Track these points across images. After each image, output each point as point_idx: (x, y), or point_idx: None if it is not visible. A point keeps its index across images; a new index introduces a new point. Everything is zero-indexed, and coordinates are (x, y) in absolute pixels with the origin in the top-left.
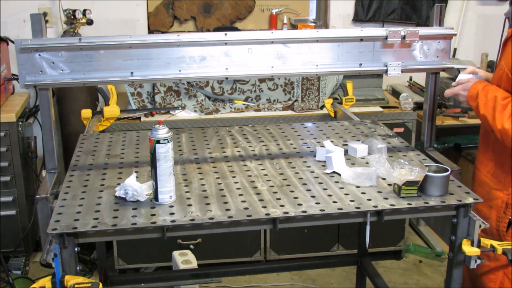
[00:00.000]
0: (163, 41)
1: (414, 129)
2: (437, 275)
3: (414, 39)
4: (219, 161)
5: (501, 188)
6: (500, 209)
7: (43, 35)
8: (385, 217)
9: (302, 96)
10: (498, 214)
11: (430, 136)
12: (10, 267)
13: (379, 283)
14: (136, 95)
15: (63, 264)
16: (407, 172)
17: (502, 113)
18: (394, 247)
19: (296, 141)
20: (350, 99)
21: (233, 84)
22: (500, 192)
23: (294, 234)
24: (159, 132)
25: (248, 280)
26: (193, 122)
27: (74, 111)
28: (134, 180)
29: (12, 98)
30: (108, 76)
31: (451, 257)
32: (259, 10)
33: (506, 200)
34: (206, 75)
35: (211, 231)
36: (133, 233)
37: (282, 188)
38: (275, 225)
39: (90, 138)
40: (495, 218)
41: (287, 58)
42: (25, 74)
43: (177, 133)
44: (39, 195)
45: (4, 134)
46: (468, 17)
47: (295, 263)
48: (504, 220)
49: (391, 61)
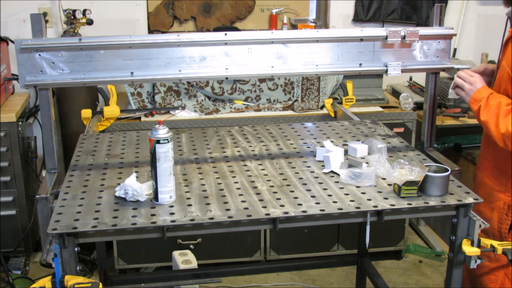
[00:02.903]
0: (163, 41)
1: (414, 129)
2: (437, 275)
3: (414, 39)
4: (219, 161)
5: (503, 190)
6: (502, 211)
7: (43, 35)
8: (385, 217)
9: (302, 96)
10: (500, 215)
11: (430, 136)
12: (10, 267)
13: (379, 283)
14: (136, 95)
15: (63, 264)
16: (407, 172)
17: (506, 117)
18: (394, 247)
19: (296, 141)
20: (350, 99)
21: (233, 84)
22: (502, 194)
23: (294, 234)
24: (159, 132)
25: (248, 280)
26: (193, 122)
27: (74, 111)
28: (134, 180)
29: (12, 98)
30: (108, 76)
31: (451, 257)
32: (259, 10)
33: (508, 202)
34: (206, 75)
35: (211, 231)
36: (133, 233)
37: (282, 188)
38: (275, 225)
39: (90, 138)
40: (497, 220)
41: (287, 58)
42: (25, 74)
43: (177, 133)
44: (39, 195)
45: (4, 134)
46: (468, 17)
47: (295, 263)
48: (506, 222)
49: (391, 61)
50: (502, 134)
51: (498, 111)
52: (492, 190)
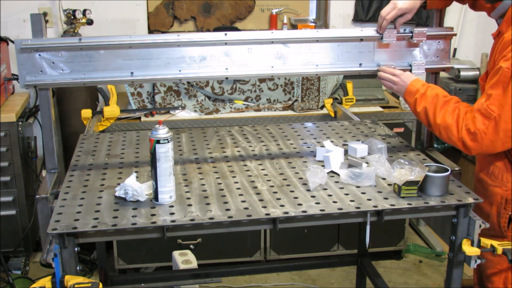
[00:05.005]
0: (163, 41)
1: (414, 129)
2: (437, 275)
3: (422, 39)
4: (219, 161)
5: (499, 184)
6: (500, 205)
7: (43, 35)
8: (385, 217)
9: (302, 96)
10: (498, 210)
11: (430, 136)
12: (10, 267)
13: (379, 283)
14: (136, 95)
15: (63, 264)
16: (407, 172)
17: (443, 108)
18: (394, 247)
19: (296, 141)
20: (350, 99)
21: (233, 84)
22: (498, 188)
23: (294, 234)
24: (159, 132)
25: (248, 280)
26: (193, 122)
27: (74, 111)
28: (134, 180)
29: (12, 98)
30: (108, 76)
31: (451, 257)
32: (259, 10)
33: (506, 196)
34: (206, 75)
35: (211, 231)
36: (133, 233)
37: (282, 188)
38: (275, 225)
39: (90, 138)
40: (495, 214)
41: (287, 58)
42: (25, 74)
43: (177, 133)
44: (39, 195)
45: (4, 134)
46: (468, 17)
47: (295, 263)
48: (504, 216)
49: (390, 62)
50: (438, 125)
51: (436, 101)
52: (489, 185)
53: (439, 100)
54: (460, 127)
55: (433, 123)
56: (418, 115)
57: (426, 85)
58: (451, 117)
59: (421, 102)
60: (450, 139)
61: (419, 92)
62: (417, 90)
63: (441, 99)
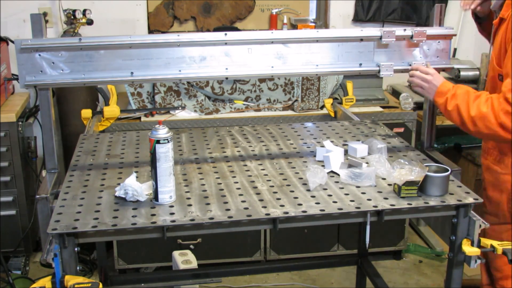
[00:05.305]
0: (163, 41)
1: (414, 129)
2: (437, 275)
3: (422, 39)
4: (219, 161)
5: (508, 172)
6: (510, 193)
7: (43, 35)
8: (385, 217)
9: (302, 96)
10: (508, 197)
11: (430, 136)
12: (10, 267)
13: (379, 283)
14: (136, 95)
15: (63, 264)
16: (407, 172)
17: (475, 101)
18: (394, 247)
19: (296, 141)
20: (350, 99)
21: (233, 84)
22: (508, 176)
23: (294, 234)
24: (159, 132)
25: (248, 280)
26: (193, 122)
27: (74, 111)
28: (134, 180)
29: (12, 98)
30: (108, 76)
31: (451, 257)
32: (259, 10)
33: None
34: (206, 75)
35: (211, 231)
36: (133, 233)
37: (282, 188)
38: (275, 225)
39: (90, 138)
40: (506, 202)
41: (287, 58)
42: (25, 74)
43: (177, 133)
44: (39, 195)
45: (4, 134)
46: (468, 17)
47: (295, 263)
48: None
49: (389, 62)
50: (472, 117)
51: (468, 97)
52: (498, 174)
53: (470, 95)
54: (497, 112)
55: (466, 118)
56: (449, 114)
57: (456, 85)
58: (486, 106)
59: (451, 101)
60: (488, 128)
61: (450, 92)
62: (448, 90)
63: (472, 94)
